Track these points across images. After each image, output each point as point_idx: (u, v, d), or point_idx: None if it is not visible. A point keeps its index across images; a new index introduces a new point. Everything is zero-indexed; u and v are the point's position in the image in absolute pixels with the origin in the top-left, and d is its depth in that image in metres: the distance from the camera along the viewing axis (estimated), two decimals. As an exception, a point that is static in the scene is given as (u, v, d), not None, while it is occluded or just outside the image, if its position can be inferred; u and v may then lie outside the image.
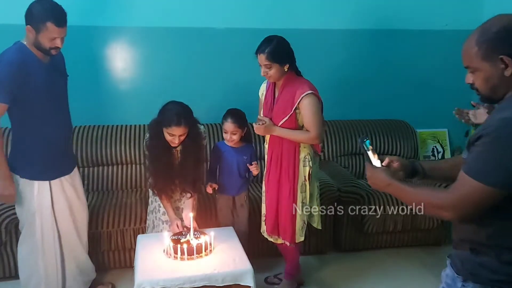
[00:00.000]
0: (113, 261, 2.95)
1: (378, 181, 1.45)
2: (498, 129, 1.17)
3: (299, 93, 2.37)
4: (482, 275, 1.28)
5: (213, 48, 3.49)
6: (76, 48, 2.94)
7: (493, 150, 1.18)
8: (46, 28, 2.11)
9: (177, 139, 2.41)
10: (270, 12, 3.49)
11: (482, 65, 1.26)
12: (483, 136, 1.19)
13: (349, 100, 3.80)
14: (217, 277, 2.13)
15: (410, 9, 3.72)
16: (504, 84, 1.25)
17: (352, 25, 3.67)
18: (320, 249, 3.26)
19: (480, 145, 1.20)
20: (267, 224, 2.59)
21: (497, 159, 1.17)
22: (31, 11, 2.13)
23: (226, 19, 3.45)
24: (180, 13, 3.37)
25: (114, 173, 3.33)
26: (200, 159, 2.61)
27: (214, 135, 3.41)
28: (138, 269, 2.20)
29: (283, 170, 2.49)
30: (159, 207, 2.67)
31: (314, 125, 2.40)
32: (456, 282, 1.33)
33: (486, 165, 1.18)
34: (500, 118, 1.19)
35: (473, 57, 1.27)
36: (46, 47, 2.17)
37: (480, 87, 1.30)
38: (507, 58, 1.21)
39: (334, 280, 2.98)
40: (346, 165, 3.70)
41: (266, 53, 2.34)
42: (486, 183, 1.17)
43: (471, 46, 1.27)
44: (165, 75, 3.45)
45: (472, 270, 1.30)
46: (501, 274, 1.25)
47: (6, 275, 2.84)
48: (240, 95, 3.18)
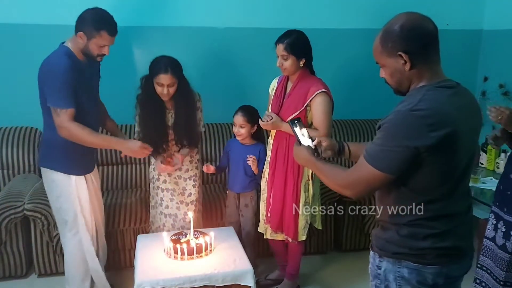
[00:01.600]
0: (113, 261, 2.94)
1: (300, 157, 1.61)
2: (391, 120, 1.30)
3: (312, 90, 2.38)
4: (389, 250, 1.42)
5: (215, 47, 3.48)
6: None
7: (383, 139, 1.30)
8: (100, 35, 2.20)
9: (165, 89, 2.45)
10: (277, 11, 3.50)
11: (386, 61, 1.37)
12: (381, 126, 1.33)
13: (354, 99, 3.78)
14: (217, 277, 2.13)
15: (410, 8, 3.68)
16: (405, 78, 1.37)
17: (356, 25, 3.67)
18: (321, 249, 3.26)
19: (377, 133, 1.34)
20: (272, 220, 2.58)
21: (385, 148, 1.29)
22: (86, 18, 2.20)
23: (229, 19, 3.45)
24: (180, 13, 3.37)
25: (114, 173, 3.33)
26: (192, 116, 2.60)
27: (213, 135, 3.43)
28: (138, 269, 2.20)
29: (289, 167, 2.48)
30: (160, 201, 2.69)
31: (323, 124, 2.40)
32: (375, 259, 1.48)
33: (377, 152, 1.31)
34: (395, 110, 1.31)
35: (379, 54, 1.38)
36: (94, 53, 2.26)
37: (388, 81, 1.42)
38: (404, 55, 1.31)
39: (335, 280, 2.97)
40: (347, 165, 3.69)
41: (285, 43, 2.36)
42: (376, 168, 1.30)
43: (376, 44, 1.39)
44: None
45: (381, 246, 1.45)
46: (403, 247, 1.39)
47: (6, 275, 2.84)
48: (245, 95, 3.19)
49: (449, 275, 1.40)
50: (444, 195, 1.35)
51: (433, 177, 1.32)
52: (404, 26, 1.33)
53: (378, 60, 1.41)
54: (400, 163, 1.28)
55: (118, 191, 3.28)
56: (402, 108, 1.29)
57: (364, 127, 3.71)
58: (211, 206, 3.02)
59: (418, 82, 1.36)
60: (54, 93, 2.18)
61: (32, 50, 2.26)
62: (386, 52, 1.35)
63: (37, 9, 3.17)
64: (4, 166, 3.16)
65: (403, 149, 1.26)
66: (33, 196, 2.77)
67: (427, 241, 1.36)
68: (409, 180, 1.34)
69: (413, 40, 1.32)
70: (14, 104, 3.27)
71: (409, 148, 1.26)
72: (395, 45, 1.33)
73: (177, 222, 2.70)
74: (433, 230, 1.36)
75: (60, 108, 2.18)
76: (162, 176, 2.66)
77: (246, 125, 2.69)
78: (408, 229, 1.38)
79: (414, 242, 1.37)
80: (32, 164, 3.20)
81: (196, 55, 3.44)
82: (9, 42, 3.21)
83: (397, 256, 1.40)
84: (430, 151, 1.26)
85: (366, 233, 3.23)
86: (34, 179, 3.10)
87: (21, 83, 3.19)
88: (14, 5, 3.16)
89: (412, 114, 1.26)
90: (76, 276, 2.48)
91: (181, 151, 2.61)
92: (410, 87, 1.38)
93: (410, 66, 1.33)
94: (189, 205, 2.69)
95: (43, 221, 2.71)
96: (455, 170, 1.34)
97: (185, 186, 2.69)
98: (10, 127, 3.22)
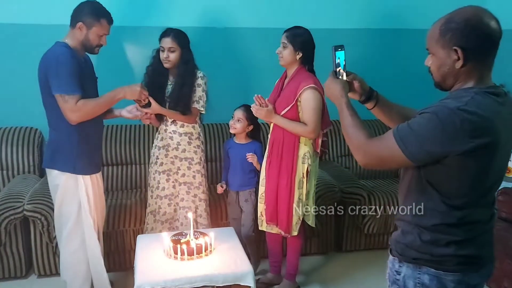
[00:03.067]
0: (113, 262, 2.94)
1: (332, 90, 1.53)
2: (435, 112, 1.22)
3: (302, 85, 2.42)
4: (409, 255, 1.38)
5: (215, 48, 3.48)
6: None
7: (420, 126, 1.23)
8: (100, 24, 2.25)
9: (166, 53, 2.57)
10: (278, 11, 3.50)
11: (438, 51, 1.29)
12: (423, 113, 1.25)
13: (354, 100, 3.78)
14: (217, 278, 2.13)
15: (414, 8, 3.70)
16: (453, 75, 1.29)
17: (356, 25, 3.67)
18: (321, 249, 3.25)
19: (416, 117, 1.26)
20: (267, 211, 2.62)
21: (419, 135, 1.23)
22: (84, 9, 2.24)
23: (229, 19, 3.45)
24: (180, 13, 3.37)
25: (114, 173, 3.32)
26: (188, 85, 2.63)
27: (213, 135, 3.43)
28: (138, 270, 2.19)
29: (283, 164, 2.52)
30: (157, 184, 2.73)
31: (311, 119, 2.43)
32: (394, 264, 1.43)
33: (408, 134, 1.25)
34: (440, 104, 1.24)
35: (433, 42, 1.30)
36: (94, 44, 2.29)
37: (433, 72, 1.34)
38: (460, 51, 1.24)
39: (335, 280, 2.97)
40: (348, 165, 3.69)
41: (289, 32, 2.46)
42: (400, 148, 1.25)
43: (434, 31, 1.30)
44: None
45: (401, 251, 1.40)
46: (424, 253, 1.35)
47: (6, 276, 2.83)
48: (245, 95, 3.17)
49: (469, 283, 1.36)
50: (471, 203, 1.31)
51: (462, 183, 1.28)
52: (470, 21, 1.24)
53: (429, 47, 1.33)
54: (426, 155, 1.24)
55: (118, 192, 3.28)
56: (449, 104, 1.21)
57: (366, 127, 3.70)
58: (215, 206, 3.02)
59: (465, 82, 1.29)
60: (59, 79, 2.17)
61: (32, 50, 2.26)
62: (442, 42, 1.27)
63: (37, 9, 3.17)
64: (4, 166, 3.15)
65: (435, 144, 1.21)
66: (33, 196, 2.76)
67: (449, 248, 1.32)
68: (438, 182, 1.30)
69: (474, 38, 1.23)
70: (14, 104, 3.27)
71: (442, 146, 1.21)
72: (453, 38, 1.25)
73: (173, 201, 2.74)
74: (456, 237, 1.32)
75: (68, 94, 2.17)
76: (159, 159, 2.72)
77: (244, 120, 2.74)
78: (431, 234, 1.33)
79: (436, 248, 1.33)
80: (32, 164, 3.20)
81: (195, 55, 3.42)
82: (9, 42, 3.21)
83: (418, 262, 1.36)
84: (463, 156, 1.21)
85: (366, 233, 3.23)
86: (34, 180, 3.10)
87: (21, 83, 3.19)
88: (14, 5, 3.16)
89: (458, 113, 1.19)
90: (74, 280, 2.46)
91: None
92: (455, 85, 1.31)
93: (463, 64, 1.25)
94: (181, 185, 2.72)
95: (43, 221, 2.71)
96: (486, 180, 1.30)
97: (180, 166, 2.72)
98: (10, 127, 3.22)
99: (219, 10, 3.44)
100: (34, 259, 2.84)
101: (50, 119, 2.33)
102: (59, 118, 2.25)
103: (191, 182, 2.74)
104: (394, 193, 3.22)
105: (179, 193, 2.74)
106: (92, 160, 2.41)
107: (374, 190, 3.29)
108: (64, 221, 2.39)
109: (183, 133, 2.71)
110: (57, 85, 2.17)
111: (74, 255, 2.43)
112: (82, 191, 2.35)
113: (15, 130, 3.20)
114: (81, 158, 2.34)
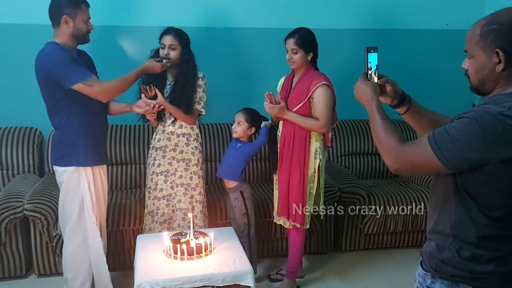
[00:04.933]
0: (113, 262, 2.93)
1: (362, 92, 1.47)
2: (475, 117, 1.15)
3: (315, 82, 2.51)
4: (446, 272, 1.30)
5: (215, 48, 3.48)
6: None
7: (459, 131, 1.17)
8: (82, 10, 2.25)
9: (166, 50, 2.57)
10: (278, 11, 3.51)
11: (478, 53, 1.23)
12: (461, 117, 1.19)
13: (354, 99, 3.78)
14: (217, 278, 2.13)
15: (410, 8, 3.71)
16: (493, 78, 1.24)
17: (354, 25, 3.67)
18: (320, 249, 3.26)
19: (454, 123, 1.20)
20: (279, 204, 2.67)
21: (456, 141, 1.16)
22: (61, 3, 2.22)
23: (229, 19, 3.45)
24: (180, 13, 3.37)
25: (114, 173, 3.33)
26: (190, 85, 2.64)
27: (214, 135, 3.42)
28: (138, 269, 2.19)
29: (294, 160, 2.59)
30: (155, 185, 2.72)
31: (323, 114, 2.53)
32: (426, 280, 1.36)
33: (445, 140, 1.18)
34: (480, 109, 1.18)
35: (473, 43, 1.24)
36: (84, 31, 2.28)
37: (471, 75, 1.28)
38: (502, 54, 1.19)
39: (334, 280, 2.97)
40: (347, 165, 3.69)
41: (296, 38, 2.50)
42: (436, 154, 1.19)
43: (474, 32, 1.24)
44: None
45: (436, 267, 1.32)
46: (463, 270, 1.27)
47: (6, 275, 2.83)
48: (245, 95, 3.19)
49: None
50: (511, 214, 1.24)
51: (503, 193, 1.21)
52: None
53: (468, 48, 1.26)
54: (463, 162, 1.17)
55: (118, 191, 3.28)
56: (490, 110, 1.15)
57: (364, 127, 3.71)
58: (215, 206, 3.02)
59: (506, 87, 1.23)
60: (67, 71, 2.16)
61: (32, 50, 2.26)
62: (482, 44, 1.21)
63: (37, 9, 3.15)
64: (4, 166, 3.16)
65: (474, 151, 1.15)
66: (32, 196, 2.76)
67: (490, 264, 1.25)
68: (475, 191, 1.23)
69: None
70: (14, 104, 3.27)
71: (482, 153, 1.15)
72: (496, 40, 1.19)
73: (170, 202, 2.73)
74: (496, 252, 1.25)
75: (86, 79, 2.17)
76: (157, 160, 2.71)
77: (244, 123, 2.72)
78: (471, 250, 1.26)
79: (476, 265, 1.26)
80: (32, 164, 3.20)
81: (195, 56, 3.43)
82: (9, 42, 3.21)
83: (455, 279, 1.29)
84: (504, 164, 1.15)
85: (366, 233, 3.23)
86: (34, 179, 3.10)
87: (21, 83, 3.19)
88: (14, 5, 3.16)
89: (501, 118, 1.13)
90: (76, 277, 2.46)
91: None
92: (494, 90, 1.25)
93: (504, 67, 1.20)
94: (179, 187, 2.72)
95: (43, 221, 2.71)
96: None
97: (177, 168, 2.72)
98: (10, 127, 3.22)
99: (219, 10, 3.45)
100: (34, 259, 2.85)
101: (52, 119, 2.32)
102: (61, 116, 2.24)
103: (188, 183, 2.73)
104: (394, 193, 3.23)
105: (176, 194, 2.73)
106: (96, 152, 2.41)
107: (373, 190, 3.29)
108: (67, 218, 2.40)
109: (181, 134, 2.70)
110: (68, 77, 2.16)
111: (76, 252, 2.43)
112: (85, 187, 2.35)
113: (15, 130, 3.21)
114: (85, 149, 2.34)
